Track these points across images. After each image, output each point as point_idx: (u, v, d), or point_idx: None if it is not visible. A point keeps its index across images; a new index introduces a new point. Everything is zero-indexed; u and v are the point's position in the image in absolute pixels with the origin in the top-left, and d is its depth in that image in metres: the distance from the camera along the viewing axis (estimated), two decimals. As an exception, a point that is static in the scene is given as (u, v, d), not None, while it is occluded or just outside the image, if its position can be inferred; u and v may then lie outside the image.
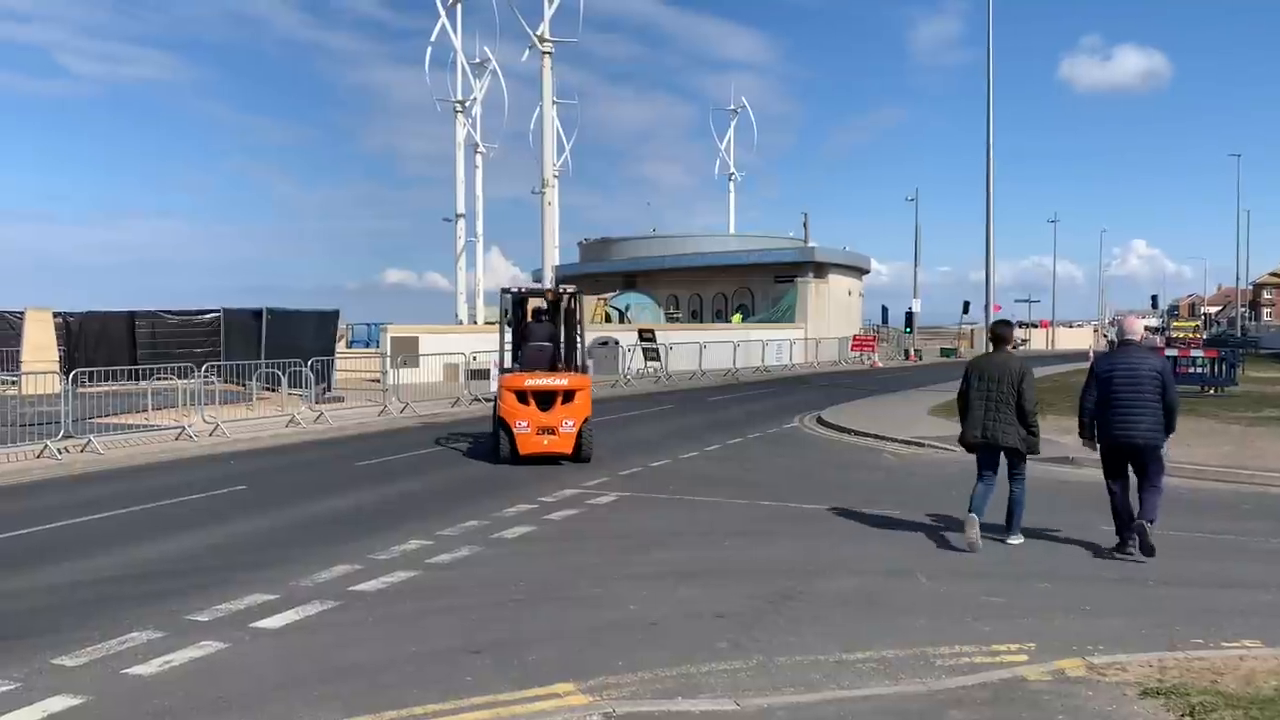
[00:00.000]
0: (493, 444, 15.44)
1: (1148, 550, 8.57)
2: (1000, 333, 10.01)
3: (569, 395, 15.02)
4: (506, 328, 16.72)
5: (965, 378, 9.61)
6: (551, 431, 14.80)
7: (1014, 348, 10.41)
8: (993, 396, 9.21)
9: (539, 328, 16.30)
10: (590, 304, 51.91)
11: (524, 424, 14.80)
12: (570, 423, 14.87)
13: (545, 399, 14.94)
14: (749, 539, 9.70)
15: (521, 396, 14.92)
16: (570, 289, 17.14)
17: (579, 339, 16.47)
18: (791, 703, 5.28)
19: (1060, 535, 9.81)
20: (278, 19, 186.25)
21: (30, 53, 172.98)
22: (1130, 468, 8.95)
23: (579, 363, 16.22)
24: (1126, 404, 8.75)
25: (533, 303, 17.10)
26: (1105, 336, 51.09)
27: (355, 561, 8.59)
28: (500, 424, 15.11)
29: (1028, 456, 9.39)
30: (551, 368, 15.78)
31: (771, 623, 6.80)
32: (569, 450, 14.90)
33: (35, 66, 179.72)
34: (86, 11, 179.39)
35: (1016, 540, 9.41)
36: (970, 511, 9.17)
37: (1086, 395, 9.15)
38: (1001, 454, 9.37)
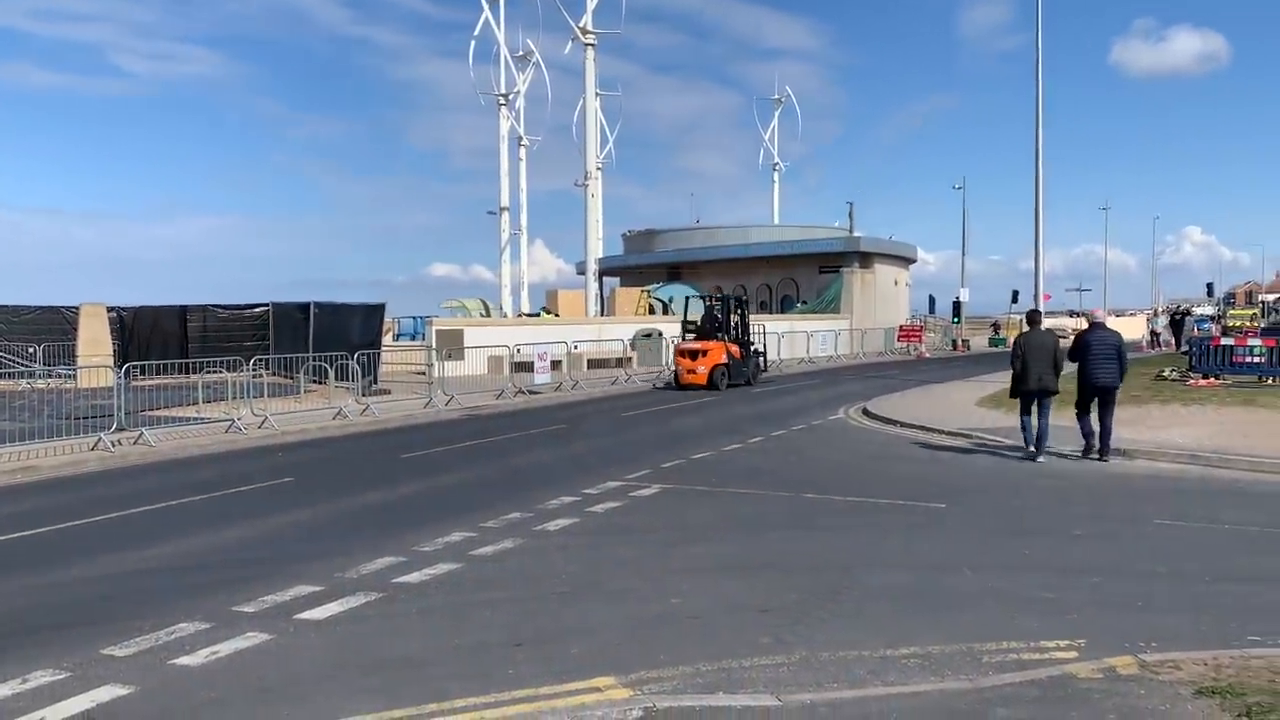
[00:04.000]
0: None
1: (1105, 455, 13.71)
2: (1033, 317, 15.26)
3: (704, 353, 26.92)
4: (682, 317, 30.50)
5: (1018, 348, 14.32)
6: (693, 371, 26.74)
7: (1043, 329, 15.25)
8: (1040, 359, 14.00)
9: (705, 315, 28.70)
10: (633, 296, 51.94)
11: (681, 368, 27.17)
12: (702, 368, 26.71)
13: (691, 354, 27.12)
14: (792, 532, 9.62)
15: (680, 353, 27.62)
16: (719, 295, 30.85)
17: (733, 325, 28.15)
18: (835, 699, 5.21)
19: (1111, 529, 9.63)
20: (323, 14, 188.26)
21: (85, 52, 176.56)
22: (1096, 402, 13.89)
23: (735, 337, 27.97)
24: (1100, 362, 13.80)
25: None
26: (1151, 328, 50.33)
27: (399, 553, 8.65)
28: (675, 370, 27.87)
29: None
30: (705, 339, 27.58)
31: (815, 617, 6.73)
32: (704, 383, 26.43)
33: (89, 66, 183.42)
34: (137, 11, 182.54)
35: (1044, 460, 13.88)
36: (1030, 444, 14.11)
37: (1073, 354, 14.33)
38: (1037, 397, 14.03)
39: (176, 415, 18.71)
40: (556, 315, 51.58)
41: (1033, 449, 14.03)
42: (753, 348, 29.31)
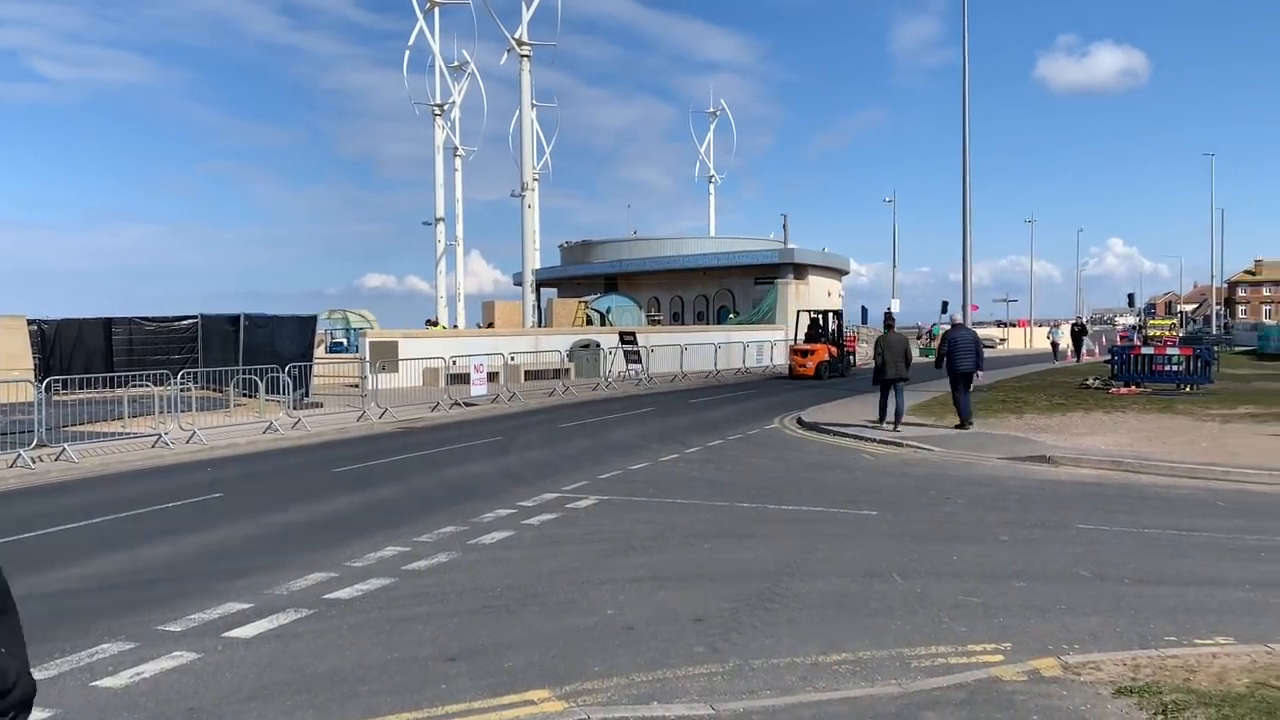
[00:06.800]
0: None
1: (968, 423, 18.09)
2: (889, 322, 20.93)
3: (811, 352, 36.05)
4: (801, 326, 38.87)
5: (879, 345, 19.03)
6: (803, 366, 35.64)
7: (896, 329, 20.60)
8: (896, 354, 18.60)
9: (811, 325, 38.08)
10: (570, 307, 51.89)
11: (794, 363, 36.38)
12: (810, 364, 35.64)
13: (802, 353, 36.23)
14: (727, 541, 9.70)
15: (794, 352, 36.79)
16: (820, 310, 40.28)
17: (831, 330, 38.10)
18: (766, 706, 5.27)
19: (1036, 534, 9.87)
20: (255, 22, 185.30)
21: (3, 57, 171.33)
22: (962, 384, 18.20)
23: (832, 340, 37.57)
24: (963, 354, 18.23)
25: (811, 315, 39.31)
26: (1050, 339, 53.86)
27: (331, 569, 8.54)
28: (790, 364, 36.92)
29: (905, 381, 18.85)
30: (812, 342, 37.05)
31: (748, 626, 6.80)
32: (811, 374, 35.20)
33: (9, 72, 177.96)
34: (61, 15, 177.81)
35: (901, 430, 17.77)
36: (893, 418, 18.20)
37: (942, 347, 19.06)
38: (893, 384, 18.38)
39: (101, 430, 18.24)
40: (441, 326, 51.49)
41: (889, 423, 18.21)
42: (845, 350, 38.90)
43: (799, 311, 40.63)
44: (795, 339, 38.26)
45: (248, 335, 26.68)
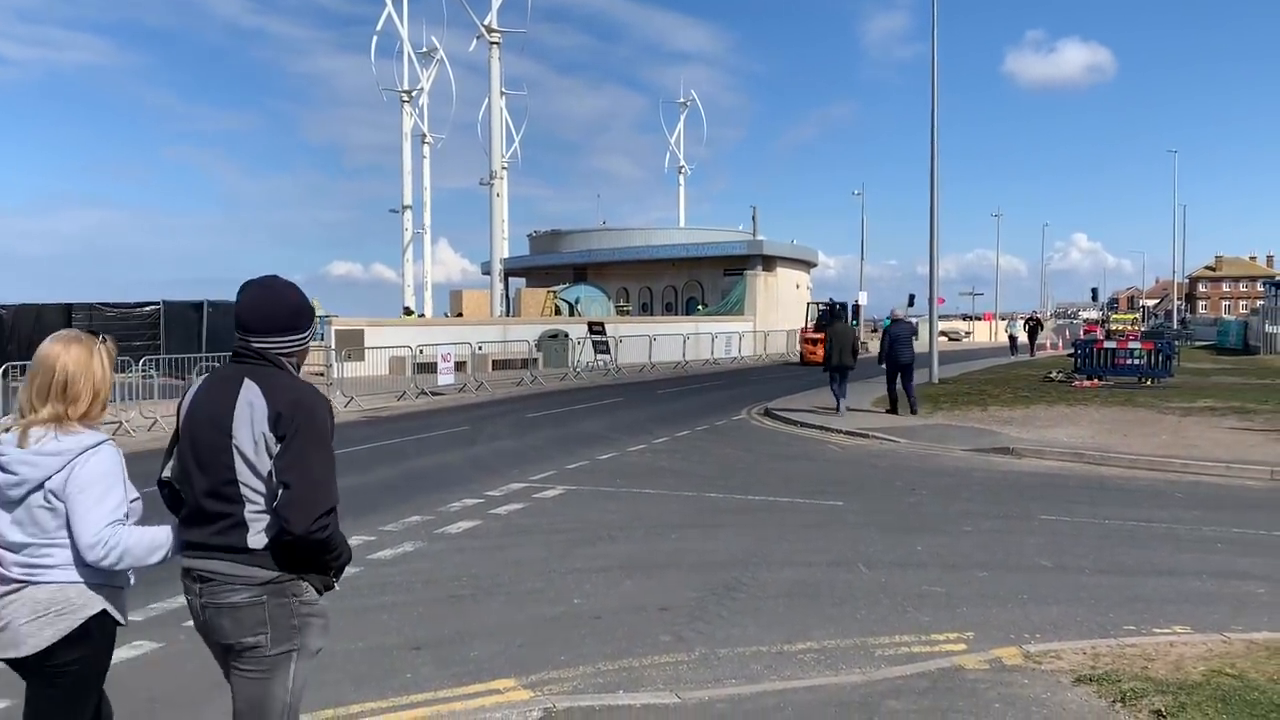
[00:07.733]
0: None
1: (915, 411, 19.29)
2: (837, 313, 35.80)
3: (820, 340, 30.71)
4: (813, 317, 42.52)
5: (828, 335, 20.36)
6: (814, 353, 35.82)
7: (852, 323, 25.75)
8: (844, 343, 19.57)
9: (821, 316, 40.61)
10: (539, 297, 51.74)
11: (805, 350, 39.41)
12: (820, 350, 29.36)
13: (813, 341, 37.43)
14: (695, 531, 9.72)
15: (806, 340, 40.05)
16: (830, 301, 44.14)
17: (841, 320, 33.13)
18: (732, 694, 5.29)
19: (999, 525, 9.97)
20: (218, 3, 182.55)
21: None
22: (900, 375, 19.40)
23: (834, 330, 32.90)
24: (902, 346, 19.37)
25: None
26: (1009, 333, 55.25)
27: (295, 558, 8.45)
28: (801, 351, 40.58)
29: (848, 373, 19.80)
30: (821, 331, 33.16)
31: (715, 615, 6.82)
32: (820, 360, 29.13)
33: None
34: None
35: (845, 414, 19.05)
36: (840, 405, 19.38)
37: (884, 340, 20.16)
38: (840, 371, 19.48)
39: (60, 417, 17.95)
40: (417, 315, 51.16)
41: (841, 409, 19.29)
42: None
43: (809, 304, 44.92)
44: (806, 327, 42.67)
45: (211, 322, 26.40)
